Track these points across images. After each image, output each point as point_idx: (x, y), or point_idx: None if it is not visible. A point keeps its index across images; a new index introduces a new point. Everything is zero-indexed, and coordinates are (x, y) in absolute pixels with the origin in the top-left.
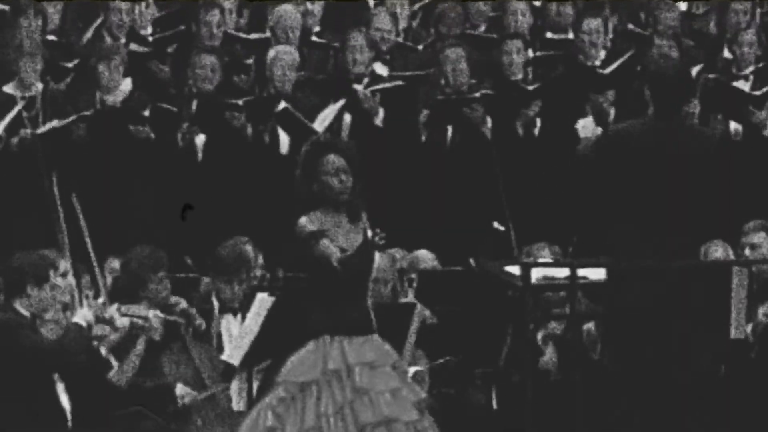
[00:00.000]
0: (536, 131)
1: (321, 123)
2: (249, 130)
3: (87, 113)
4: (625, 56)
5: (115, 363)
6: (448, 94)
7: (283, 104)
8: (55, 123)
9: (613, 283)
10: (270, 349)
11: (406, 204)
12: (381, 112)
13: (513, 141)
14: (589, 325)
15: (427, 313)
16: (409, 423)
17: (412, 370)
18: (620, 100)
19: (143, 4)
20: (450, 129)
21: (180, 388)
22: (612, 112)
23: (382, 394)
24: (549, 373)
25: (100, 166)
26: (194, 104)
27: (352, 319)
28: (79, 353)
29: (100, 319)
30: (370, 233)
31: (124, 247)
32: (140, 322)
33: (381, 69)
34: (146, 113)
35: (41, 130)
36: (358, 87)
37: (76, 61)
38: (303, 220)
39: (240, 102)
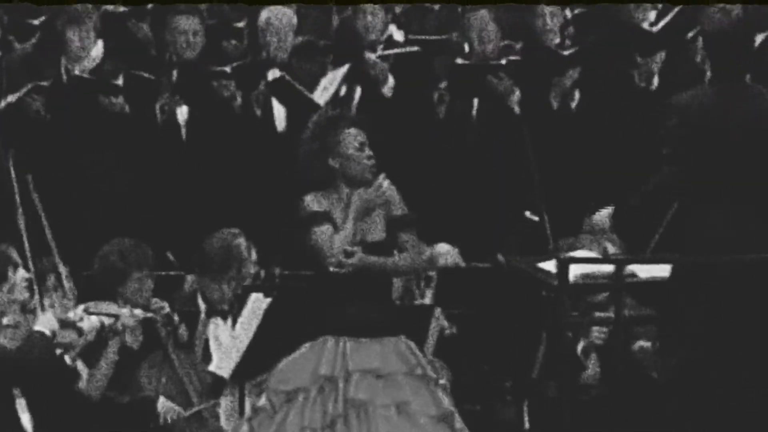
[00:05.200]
0: (573, 104)
1: (322, 93)
2: (239, 100)
3: (44, 83)
4: (673, 12)
5: (84, 371)
6: (470, 60)
7: (278, 73)
8: (9, 99)
9: (675, 283)
10: (265, 358)
11: (423, 191)
12: (390, 80)
13: (547, 116)
14: (642, 343)
15: (445, 323)
16: None
17: None
18: (669, 63)
19: None
20: (476, 102)
21: (162, 403)
22: (656, 80)
23: (385, 408)
24: (590, 387)
25: (64, 145)
26: (175, 73)
27: (365, 318)
28: (43, 365)
29: (65, 324)
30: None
31: (94, 240)
32: (111, 321)
33: (397, 34)
34: (119, 82)
35: None
36: (368, 54)
37: (42, 18)
38: (308, 197)
39: (227, 69)
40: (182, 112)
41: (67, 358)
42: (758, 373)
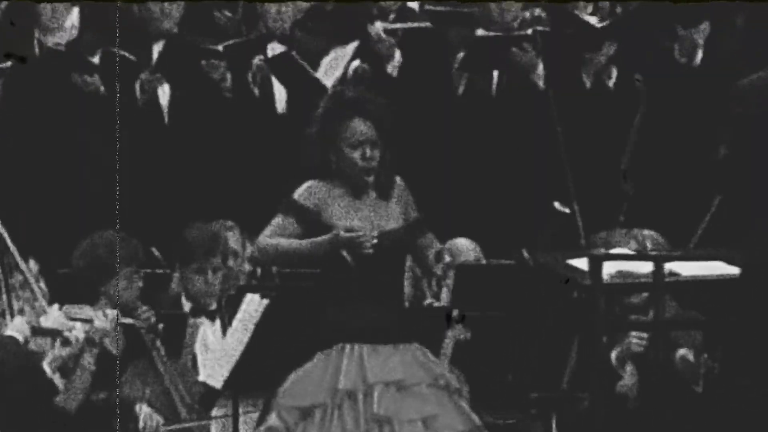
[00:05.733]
0: (611, 83)
1: (326, 73)
2: (229, 82)
3: (4, 66)
4: None
5: (60, 383)
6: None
7: (278, 47)
8: None
9: (723, 283)
10: (262, 367)
11: (438, 180)
12: (397, 56)
13: (579, 95)
14: (683, 352)
15: (459, 325)
16: None
17: None
18: (714, 35)
19: None
20: (495, 78)
21: (143, 409)
22: (700, 52)
23: (411, 424)
24: (626, 399)
25: (33, 128)
26: (156, 48)
27: (379, 321)
28: (15, 375)
29: (37, 330)
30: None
31: (67, 235)
32: (86, 327)
33: (412, 2)
34: (96, 60)
35: None
36: (375, 25)
37: None
38: (302, 187)
39: (220, 47)
40: (165, 92)
41: (47, 368)
42: None
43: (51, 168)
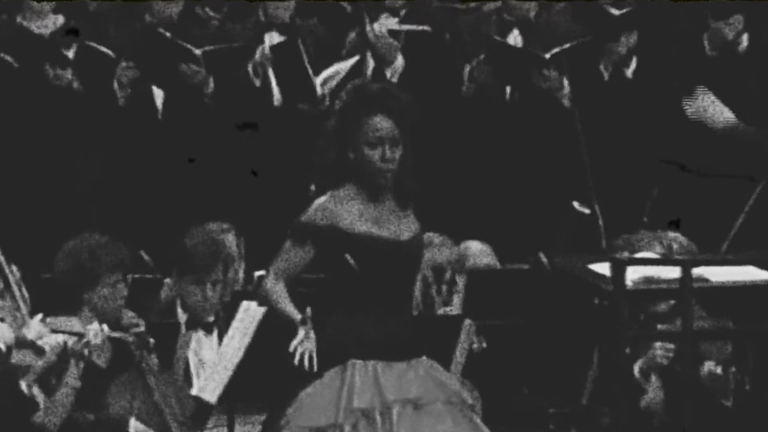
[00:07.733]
0: (629, 73)
1: (324, 83)
2: (211, 87)
3: None
4: None
5: (41, 399)
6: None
7: (278, 38)
8: None
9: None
10: (260, 380)
11: (452, 179)
12: (400, 60)
13: (597, 88)
14: (710, 365)
15: (474, 337)
16: None
17: None
18: (750, 25)
19: None
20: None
21: (134, 425)
22: (745, 39)
23: None
24: (650, 414)
25: (13, 124)
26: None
27: (389, 335)
28: None
29: (20, 343)
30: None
31: (50, 238)
32: (74, 340)
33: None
34: (70, 53)
35: None
36: (376, 24)
37: None
38: (312, 208)
39: (197, 51)
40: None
41: (23, 384)
42: None
43: (32, 167)
